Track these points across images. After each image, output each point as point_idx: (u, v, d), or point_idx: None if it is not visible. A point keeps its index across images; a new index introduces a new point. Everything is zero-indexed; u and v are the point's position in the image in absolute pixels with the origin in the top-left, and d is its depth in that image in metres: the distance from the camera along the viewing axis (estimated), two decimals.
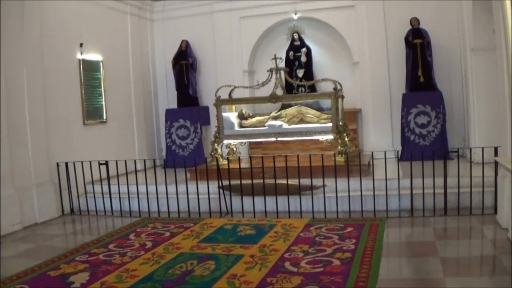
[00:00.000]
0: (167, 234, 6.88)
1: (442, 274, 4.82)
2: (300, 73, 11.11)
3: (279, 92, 9.31)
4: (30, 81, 7.97)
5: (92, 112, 9.66)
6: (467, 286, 4.49)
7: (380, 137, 10.73)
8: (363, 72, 10.87)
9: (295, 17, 11.14)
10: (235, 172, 8.11)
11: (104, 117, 10.01)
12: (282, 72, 9.41)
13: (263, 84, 9.26)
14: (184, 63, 11.27)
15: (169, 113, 11.24)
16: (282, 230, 6.75)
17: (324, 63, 11.53)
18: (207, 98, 11.60)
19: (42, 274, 5.42)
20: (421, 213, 7.14)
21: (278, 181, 7.82)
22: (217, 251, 5.96)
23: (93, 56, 9.75)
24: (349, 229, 6.63)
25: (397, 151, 8.83)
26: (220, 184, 8.09)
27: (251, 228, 6.92)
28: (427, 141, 9.83)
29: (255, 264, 5.38)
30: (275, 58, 9.27)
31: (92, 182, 8.53)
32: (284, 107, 10.30)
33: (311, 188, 7.73)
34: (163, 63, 11.97)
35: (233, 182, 8.03)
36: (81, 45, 9.34)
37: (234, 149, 9.75)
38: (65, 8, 9.04)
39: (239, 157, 8.46)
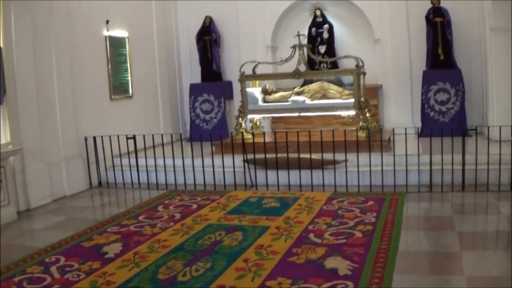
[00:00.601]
0: (195, 206, 7.16)
1: (459, 247, 5.02)
2: (322, 49, 11.21)
3: (302, 68, 9.46)
4: (58, 57, 8.20)
5: (118, 87, 9.91)
6: (482, 260, 4.70)
7: (401, 113, 10.84)
8: (384, 49, 10.92)
9: None
10: (259, 146, 8.33)
11: (130, 92, 10.27)
12: (305, 49, 9.53)
13: (286, 60, 9.42)
14: (208, 38, 11.42)
15: (193, 87, 11.45)
16: (306, 203, 6.98)
17: (346, 39, 11.58)
18: (230, 73, 11.81)
19: (75, 245, 5.69)
20: (439, 189, 7.31)
21: (302, 156, 8.02)
22: (244, 222, 6.21)
23: (119, 32, 9.96)
24: (370, 203, 6.84)
25: (417, 128, 9.02)
26: (245, 158, 8.31)
27: (276, 201, 7.16)
28: (447, 118, 9.92)
29: (280, 235, 5.63)
30: (298, 35, 9.41)
31: (120, 156, 8.79)
32: (306, 82, 10.49)
33: (334, 162, 7.92)
34: (186, 39, 12.12)
35: (257, 156, 8.25)
36: (107, 22, 9.54)
37: (258, 123, 9.97)
38: None
39: (263, 132, 8.63)
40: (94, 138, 8.70)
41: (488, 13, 9.19)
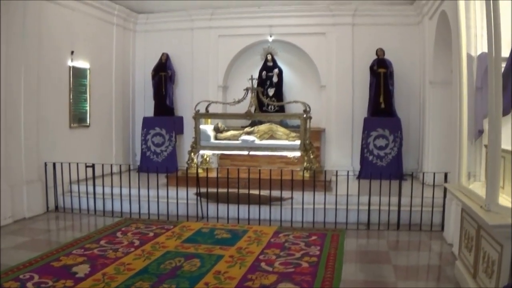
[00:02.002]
0: (151, 234, 7.60)
1: (394, 278, 5.79)
2: (271, 92, 12.02)
3: (252, 109, 10.19)
4: (27, 84, 8.59)
5: (77, 116, 10.29)
6: None
7: (341, 156, 11.75)
8: (329, 95, 11.85)
9: (270, 39, 12.07)
10: (210, 181, 8.87)
11: (88, 122, 10.65)
12: (256, 92, 10.26)
13: (239, 101, 10.11)
14: (163, 74, 11.99)
15: (146, 121, 11.94)
16: (255, 235, 7.57)
17: (294, 84, 12.48)
18: (182, 109, 12.42)
19: (45, 264, 6.05)
20: (376, 227, 8.10)
21: (251, 192, 8.64)
22: (200, 250, 6.73)
23: (81, 63, 10.40)
24: (314, 237, 7.51)
25: (356, 170, 9.85)
26: (198, 191, 8.84)
27: (227, 232, 7.72)
28: (384, 162, 10.86)
29: (235, 263, 6.19)
30: (252, 79, 10.16)
31: (78, 182, 9.19)
32: (253, 123, 11.20)
33: (281, 199, 8.57)
34: (142, 73, 12.67)
35: (209, 190, 8.80)
36: (72, 52, 9.98)
37: (208, 159, 10.55)
38: (60, 16, 9.65)
39: (217, 168, 9.20)
40: (54, 164, 9.02)
41: (429, 68, 10.28)
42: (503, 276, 4.15)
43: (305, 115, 9.72)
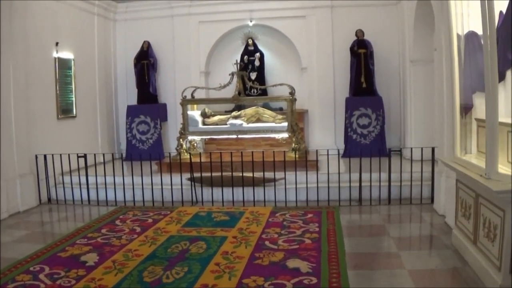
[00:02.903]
0: (150, 220, 7.70)
1: (396, 248, 6.07)
2: (253, 75, 12.11)
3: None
4: (15, 78, 8.52)
5: (64, 108, 10.27)
6: (417, 257, 5.73)
7: (325, 136, 11.98)
8: (311, 77, 12.04)
9: (251, 24, 12.16)
10: (201, 165, 8.98)
11: (74, 112, 10.63)
12: (243, 76, 10.38)
13: (225, 86, 10.21)
14: (146, 62, 12.00)
15: (131, 109, 11.95)
16: (252, 216, 7.74)
17: (275, 67, 12.63)
18: (165, 96, 12.48)
19: (52, 255, 6.08)
20: (368, 203, 8.36)
21: (245, 174, 8.79)
22: (202, 233, 6.86)
23: (66, 54, 10.35)
24: (310, 215, 7.72)
25: (340, 149, 10.08)
26: (192, 176, 8.95)
27: (224, 215, 7.86)
28: (368, 140, 11.12)
29: (240, 243, 6.35)
30: (237, 63, 10.28)
31: (70, 173, 9.22)
32: (237, 107, 11.34)
33: (274, 180, 8.73)
34: (124, 62, 12.63)
35: (203, 174, 8.92)
36: (56, 44, 9.93)
37: (195, 144, 10.65)
38: (43, 8, 9.58)
39: (210, 153, 9.27)
40: (45, 156, 8.99)
41: (409, 47, 10.55)
42: (506, 238, 4.40)
43: (291, 97, 9.88)
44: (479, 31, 6.02)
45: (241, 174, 8.77)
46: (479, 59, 6.01)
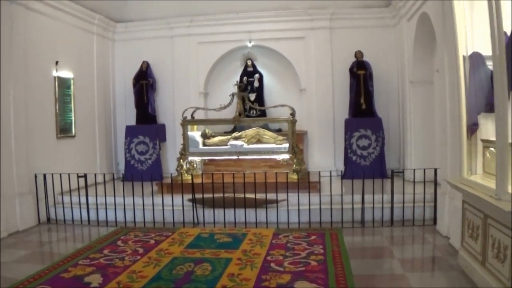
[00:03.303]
0: (152, 241, 7.60)
1: (402, 270, 6.01)
2: (252, 97, 12.15)
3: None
4: (15, 96, 8.50)
5: (63, 127, 10.20)
6: (424, 279, 5.70)
7: (324, 157, 11.98)
8: (310, 98, 12.07)
9: (250, 45, 12.22)
10: (200, 186, 8.90)
11: (73, 132, 10.56)
12: (243, 97, 10.38)
13: (225, 107, 10.20)
14: (145, 83, 11.98)
15: (130, 129, 11.89)
16: (255, 238, 7.67)
17: (274, 88, 12.67)
18: (163, 116, 12.44)
19: (55, 276, 5.98)
20: (371, 224, 8.33)
21: (247, 196, 8.73)
22: (206, 255, 6.78)
23: (66, 73, 10.32)
24: (313, 237, 7.66)
25: (341, 170, 10.04)
26: (194, 197, 8.88)
27: (227, 236, 7.79)
28: (367, 162, 11.12)
29: (245, 265, 6.27)
30: (238, 85, 10.31)
31: (70, 193, 9.15)
32: (236, 128, 11.33)
33: (277, 201, 8.68)
34: (122, 82, 12.62)
35: (205, 195, 8.84)
36: (56, 63, 9.91)
37: (194, 165, 10.59)
38: (43, 27, 9.58)
39: (212, 174, 9.17)
40: (44, 176, 8.90)
41: (408, 68, 10.64)
42: None
43: (292, 118, 9.88)
44: (483, 52, 6.11)
45: (242, 196, 8.71)
46: (484, 80, 6.07)
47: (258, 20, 12.07)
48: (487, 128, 6.15)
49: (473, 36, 6.54)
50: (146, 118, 12.02)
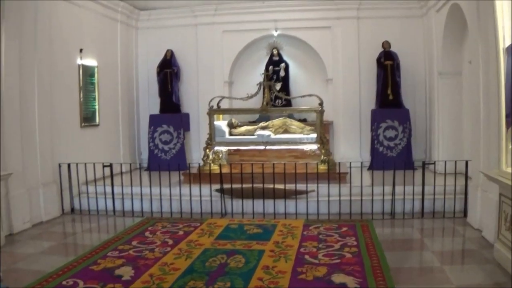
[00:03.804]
0: (181, 232, 7.46)
1: (439, 263, 5.86)
2: (278, 86, 11.83)
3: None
4: (40, 84, 8.34)
5: (87, 116, 10.09)
6: (461, 272, 5.61)
7: (350, 148, 11.77)
8: (336, 88, 11.84)
9: (276, 34, 11.99)
10: (227, 177, 8.79)
11: (97, 121, 10.44)
12: (272, 86, 10.19)
13: (252, 96, 10.03)
14: (169, 71, 11.81)
15: (153, 118, 11.74)
16: (285, 229, 7.50)
17: (300, 78, 12.47)
18: (187, 106, 12.28)
19: (84, 268, 5.84)
20: (401, 216, 8.13)
21: (276, 186, 8.56)
22: (238, 246, 6.62)
23: (90, 61, 10.18)
24: (344, 228, 7.48)
25: (366, 161, 9.87)
26: (222, 187, 8.73)
27: (256, 227, 7.63)
28: (394, 153, 10.90)
29: (279, 257, 6.11)
30: (265, 74, 10.09)
31: (95, 182, 9.02)
32: (261, 118, 11.15)
33: (306, 192, 8.52)
34: (145, 70, 12.45)
35: (233, 186, 8.68)
36: (80, 50, 9.77)
37: (220, 155, 10.43)
38: (68, 14, 9.45)
39: (241, 164, 9.03)
40: (69, 165, 8.81)
41: (437, 59, 10.38)
42: None
43: (320, 109, 9.68)
44: None
45: (271, 186, 8.54)
46: None
47: (284, 9, 11.83)
48: None
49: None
50: (170, 107, 11.87)
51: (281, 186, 8.53)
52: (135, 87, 12.43)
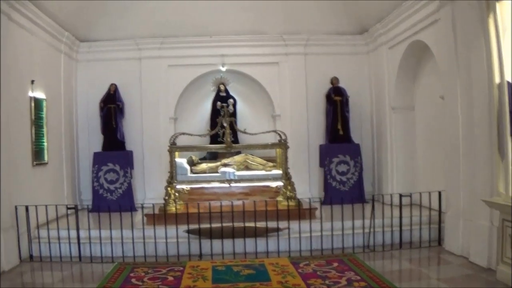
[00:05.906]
0: (170, 278, 6.92)
1: None
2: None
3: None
4: None
5: (38, 153, 9.18)
6: None
7: (299, 183, 11.56)
8: (284, 124, 11.85)
9: (223, 69, 11.87)
10: (193, 216, 8.39)
11: (46, 159, 9.55)
12: (229, 122, 9.97)
13: (212, 133, 9.87)
14: (113, 106, 11.19)
15: (98, 156, 11.00)
16: (277, 268, 7.26)
17: (246, 114, 12.39)
18: (131, 142, 11.65)
19: None
20: (380, 248, 8.24)
21: (246, 225, 8.28)
22: None
23: (39, 94, 9.36)
24: (335, 264, 7.41)
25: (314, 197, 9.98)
26: (189, 229, 8.27)
27: (246, 268, 7.30)
28: (347, 187, 11.10)
29: None
30: (225, 109, 9.89)
31: (57, 225, 8.23)
32: (212, 154, 10.90)
33: (278, 230, 8.34)
34: (85, 105, 11.72)
35: (201, 226, 8.27)
36: (32, 82, 8.95)
37: (177, 194, 9.95)
38: (21, 41, 8.64)
39: (209, 203, 8.66)
40: (27, 207, 7.95)
41: (389, 95, 10.83)
42: None
43: (285, 144, 9.64)
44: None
45: (242, 225, 8.26)
46: None
47: (232, 44, 11.79)
48: None
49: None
50: (115, 144, 11.20)
51: (252, 225, 8.27)
52: (74, 122, 11.59)
